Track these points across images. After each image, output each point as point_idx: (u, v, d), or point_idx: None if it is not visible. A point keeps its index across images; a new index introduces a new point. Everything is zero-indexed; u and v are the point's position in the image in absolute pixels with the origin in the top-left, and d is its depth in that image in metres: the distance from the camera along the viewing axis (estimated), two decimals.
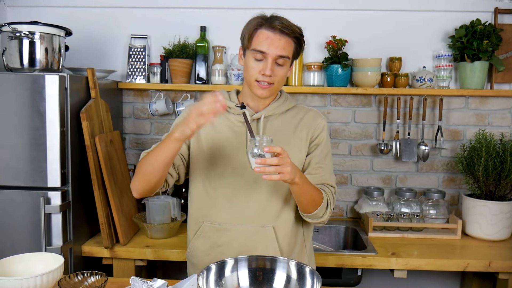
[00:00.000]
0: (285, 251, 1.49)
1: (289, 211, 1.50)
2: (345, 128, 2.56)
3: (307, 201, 1.40)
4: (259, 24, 1.37)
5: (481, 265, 1.98)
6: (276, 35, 1.36)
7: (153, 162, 1.35)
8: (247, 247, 1.46)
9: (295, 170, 1.29)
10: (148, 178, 1.38)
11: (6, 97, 1.85)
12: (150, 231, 2.13)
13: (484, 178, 2.23)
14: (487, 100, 2.51)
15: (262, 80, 1.39)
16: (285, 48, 1.37)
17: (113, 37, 2.56)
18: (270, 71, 1.37)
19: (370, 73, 2.36)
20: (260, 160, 1.21)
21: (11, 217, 1.89)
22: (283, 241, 1.49)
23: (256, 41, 1.37)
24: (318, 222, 1.47)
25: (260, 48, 1.36)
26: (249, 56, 1.40)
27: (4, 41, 1.94)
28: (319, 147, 1.50)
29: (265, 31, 1.36)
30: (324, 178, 1.49)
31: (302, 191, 1.36)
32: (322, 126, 1.52)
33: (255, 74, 1.39)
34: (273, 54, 1.36)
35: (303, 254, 1.57)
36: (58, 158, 1.87)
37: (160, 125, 2.61)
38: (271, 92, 1.43)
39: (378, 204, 2.43)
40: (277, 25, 1.35)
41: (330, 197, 1.46)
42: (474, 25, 2.35)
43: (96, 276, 1.39)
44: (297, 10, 2.47)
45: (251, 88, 1.43)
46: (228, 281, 1.23)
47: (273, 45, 1.36)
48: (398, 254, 2.03)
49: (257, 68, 1.38)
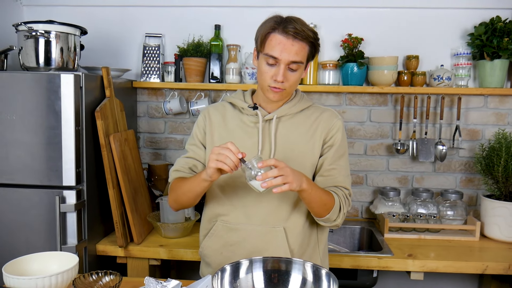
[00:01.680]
0: (296, 251, 1.48)
1: (300, 212, 1.49)
2: (361, 127, 2.53)
3: (318, 206, 1.38)
4: (272, 28, 1.35)
5: (501, 268, 1.93)
6: (289, 40, 1.33)
7: (187, 194, 1.46)
8: (258, 247, 1.46)
9: (300, 177, 1.28)
10: (184, 203, 1.52)
11: (22, 96, 1.86)
12: (164, 231, 2.13)
13: (503, 178, 2.18)
14: (507, 99, 2.45)
15: (275, 86, 1.37)
16: (298, 53, 1.35)
17: (128, 36, 2.56)
18: (282, 77, 1.35)
19: (386, 72, 2.33)
20: (261, 176, 1.20)
21: (26, 216, 1.91)
22: (294, 242, 1.48)
23: (268, 45, 1.35)
24: (331, 225, 1.46)
25: (273, 53, 1.34)
26: (262, 60, 1.39)
27: (20, 41, 1.95)
28: (333, 148, 1.48)
29: (278, 35, 1.34)
30: (337, 180, 1.46)
31: (311, 197, 1.34)
32: (337, 127, 1.49)
33: (267, 79, 1.38)
34: (285, 59, 1.34)
35: (315, 255, 1.55)
36: (73, 157, 1.88)
37: (174, 124, 2.61)
38: (283, 96, 1.43)
39: (394, 204, 2.40)
40: (290, 30, 1.32)
41: (342, 200, 1.43)
42: (494, 22, 2.29)
43: (111, 276, 1.38)
44: (312, 8, 2.45)
45: (264, 91, 1.43)
46: (243, 283, 1.21)
47: (285, 50, 1.33)
48: (414, 255, 1.99)
49: (269, 73, 1.37)
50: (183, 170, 1.53)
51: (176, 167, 1.55)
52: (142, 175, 2.31)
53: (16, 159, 1.88)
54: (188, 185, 1.43)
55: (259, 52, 1.41)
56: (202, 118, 1.56)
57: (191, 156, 1.54)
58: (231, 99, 1.55)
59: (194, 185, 1.40)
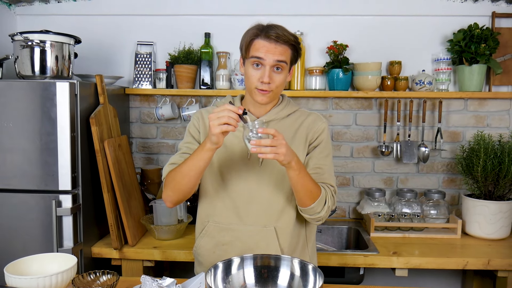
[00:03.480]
0: (286, 250, 1.55)
1: (290, 212, 1.55)
2: (347, 131, 2.62)
3: (304, 191, 1.43)
4: (255, 35, 1.44)
5: (480, 263, 2.03)
6: (272, 44, 1.42)
7: (188, 172, 1.43)
8: (250, 246, 1.52)
9: (291, 154, 1.34)
10: (184, 188, 1.47)
11: (18, 103, 1.92)
12: (158, 233, 2.20)
13: (483, 178, 2.28)
14: (486, 102, 2.56)
15: (262, 88, 1.44)
16: (282, 54, 1.43)
17: (120, 44, 2.63)
18: (268, 78, 1.42)
19: (370, 77, 2.42)
20: (255, 141, 1.26)
21: (23, 220, 1.96)
22: (284, 241, 1.54)
23: (253, 49, 1.44)
24: (316, 218, 1.49)
25: (258, 54, 1.42)
26: (248, 64, 1.46)
27: (16, 50, 2.01)
28: (318, 148, 1.55)
29: (261, 40, 1.42)
30: (323, 177, 1.53)
31: (298, 178, 1.39)
32: (322, 128, 1.57)
33: (254, 82, 1.45)
34: (270, 60, 1.42)
35: (304, 253, 1.62)
36: (69, 162, 1.94)
37: (166, 129, 2.67)
38: (270, 98, 1.49)
39: (379, 204, 2.49)
40: (272, 35, 1.41)
41: (329, 194, 1.49)
42: (472, 29, 2.40)
43: (108, 275, 1.45)
44: (299, 16, 2.54)
45: (252, 95, 1.49)
46: (235, 279, 1.28)
47: (269, 52, 1.41)
48: (399, 253, 2.08)
49: (256, 75, 1.44)
50: (179, 163, 1.52)
51: (171, 161, 1.55)
52: (136, 179, 2.37)
53: (13, 165, 1.94)
54: (188, 164, 1.43)
55: (244, 59, 1.49)
56: (196, 119, 1.61)
57: (186, 152, 1.56)
58: (220, 104, 1.61)
59: (196, 161, 1.40)
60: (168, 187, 1.51)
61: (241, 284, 1.28)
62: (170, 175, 1.50)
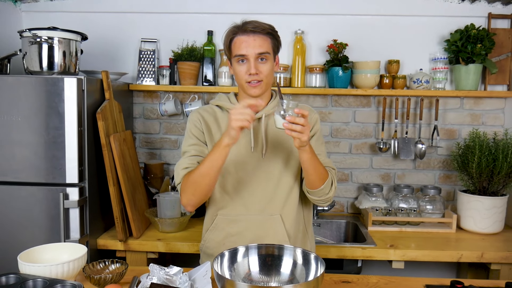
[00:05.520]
0: (292, 236, 1.62)
1: (293, 199, 1.62)
2: (346, 127, 2.68)
3: (315, 173, 1.50)
4: (233, 33, 1.52)
5: (474, 256, 2.10)
6: (250, 37, 1.50)
7: (208, 172, 1.46)
8: (258, 235, 1.59)
9: (308, 140, 1.41)
10: (206, 188, 1.50)
11: (27, 98, 1.97)
12: (162, 225, 2.25)
13: (477, 174, 2.34)
14: (481, 101, 2.63)
15: (252, 80, 1.51)
16: (262, 45, 1.50)
17: (124, 41, 2.68)
18: (255, 69, 1.50)
19: (369, 75, 2.48)
20: (290, 118, 1.32)
21: (32, 212, 2.01)
22: (290, 227, 1.62)
23: (234, 48, 1.52)
24: (324, 199, 1.56)
25: (240, 52, 1.50)
26: (234, 63, 1.55)
27: (24, 46, 2.06)
28: (314, 137, 1.64)
29: (240, 36, 1.51)
30: (325, 161, 1.61)
31: (312, 160, 1.46)
32: (315, 119, 1.66)
33: (243, 77, 1.52)
34: (252, 54, 1.49)
35: (305, 238, 1.70)
36: (76, 156, 1.99)
37: (169, 125, 2.73)
38: (262, 88, 1.55)
39: (377, 199, 2.55)
40: (248, 28, 1.50)
41: (333, 175, 1.59)
42: (469, 29, 2.46)
43: (117, 264, 1.51)
44: (300, 15, 2.59)
45: (244, 90, 1.56)
46: (240, 267, 1.35)
47: (249, 46, 1.49)
48: (396, 246, 2.15)
49: (243, 70, 1.52)
50: (192, 166, 1.55)
51: (183, 165, 1.55)
52: (139, 173, 2.43)
53: (22, 159, 1.99)
54: (207, 164, 1.45)
55: (230, 60, 1.57)
56: (198, 121, 1.64)
57: (196, 154, 1.58)
58: (218, 103, 1.66)
59: (215, 159, 1.43)
60: (187, 191, 1.51)
61: (246, 272, 1.34)
62: (187, 179, 1.51)
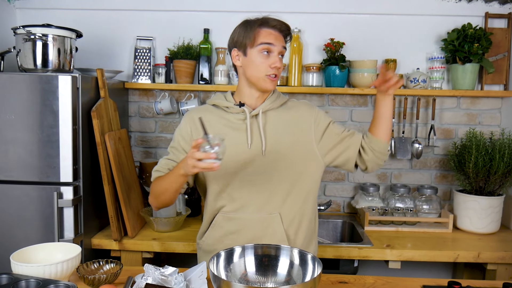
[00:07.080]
0: (292, 236, 1.60)
1: (294, 198, 1.60)
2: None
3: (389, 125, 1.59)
4: (259, 24, 1.52)
5: (471, 256, 2.09)
6: (277, 32, 1.53)
7: (165, 191, 1.54)
8: (257, 233, 1.57)
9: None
10: (164, 201, 1.59)
11: (21, 96, 1.94)
12: (157, 225, 2.23)
13: (474, 174, 2.34)
14: (478, 101, 2.62)
15: (272, 73, 1.52)
16: (284, 42, 1.56)
17: (120, 39, 2.65)
18: (280, 63, 1.52)
19: (366, 74, 2.47)
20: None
21: (25, 211, 1.99)
22: (289, 226, 1.59)
23: (261, 37, 1.51)
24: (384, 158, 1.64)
25: (268, 40, 1.50)
26: (255, 53, 1.51)
27: (18, 43, 2.03)
28: (330, 125, 1.66)
29: (267, 29, 1.52)
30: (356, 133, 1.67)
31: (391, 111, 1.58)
32: (317, 112, 1.67)
33: (265, 69, 1.51)
34: (279, 46, 1.52)
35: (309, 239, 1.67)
36: (70, 154, 1.97)
37: (164, 124, 2.71)
38: (276, 84, 1.58)
39: (373, 199, 2.54)
40: (276, 25, 1.52)
41: None
42: (466, 29, 2.46)
43: (111, 264, 1.49)
44: (297, 14, 2.58)
45: (259, 83, 1.54)
46: (236, 267, 1.33)
47: (277, 39, 1.52)
48: (392, 246, 2.14)
49: (266, 62, 1.51)
50: (163, 170, 1.60)
51: (157, 167, 1.63)
52: (135, 172, 2.41)
53: (16, 157, 1.97)
54: (165, 184, 1.53)
55: (246, 49, 1.53)
56: (186, 123, 1.63)
57: (172, 159, 1.62)
58: (214, 101, 1.65)
59: (172, 181, 1.50)
60: (152, 194, 1.61)
61: (242, 272, 1.33)
62: (153, 185, 1.60)
